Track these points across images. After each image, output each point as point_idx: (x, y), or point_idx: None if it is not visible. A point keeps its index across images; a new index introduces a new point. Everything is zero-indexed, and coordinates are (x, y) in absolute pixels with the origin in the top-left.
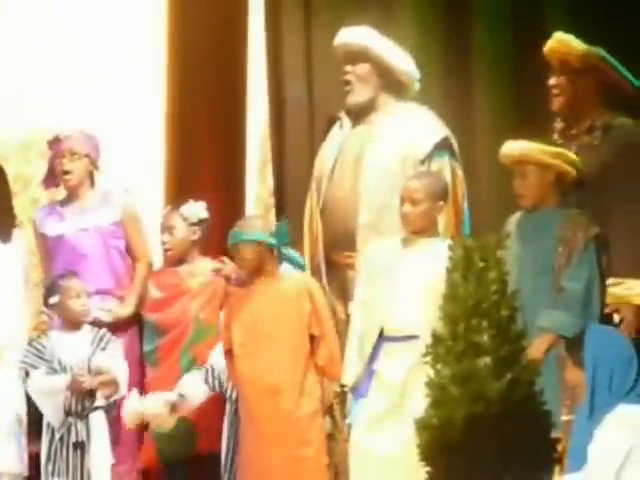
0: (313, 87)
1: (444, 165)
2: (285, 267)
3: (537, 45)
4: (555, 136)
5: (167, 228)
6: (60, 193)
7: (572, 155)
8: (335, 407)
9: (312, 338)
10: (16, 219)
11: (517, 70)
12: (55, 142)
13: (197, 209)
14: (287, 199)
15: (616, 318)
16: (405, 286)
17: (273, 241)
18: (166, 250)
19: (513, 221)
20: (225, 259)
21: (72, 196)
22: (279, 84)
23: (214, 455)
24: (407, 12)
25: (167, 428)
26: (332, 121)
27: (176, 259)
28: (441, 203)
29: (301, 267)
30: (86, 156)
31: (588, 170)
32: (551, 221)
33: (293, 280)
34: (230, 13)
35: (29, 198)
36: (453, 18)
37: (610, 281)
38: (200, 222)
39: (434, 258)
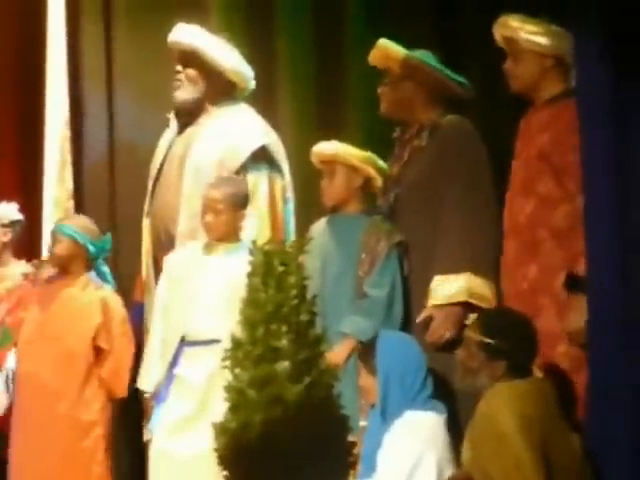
0: (112, 88)
1: (259, 176)
2: (92, 275)
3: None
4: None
5: None
6: None
7: (381, 162)
8: None
9: (100, 350)
10: None
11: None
12: None
13: (9, 210)
14: (86, 202)
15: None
16: (206, 290)
17: (92, 248)
18: None
19: (318, 226)
20: (37, 262)
21: None
22: (79, 84)
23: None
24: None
25: None
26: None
27: None
28: (242, 211)
29: (108, 283)
30: None
31: (415, 172)
32: (355, 227)
33: (93, 290)
34: (30, 10)
35: None
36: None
37: (438, 278)
38: (12, 224)
39: (235, 263)
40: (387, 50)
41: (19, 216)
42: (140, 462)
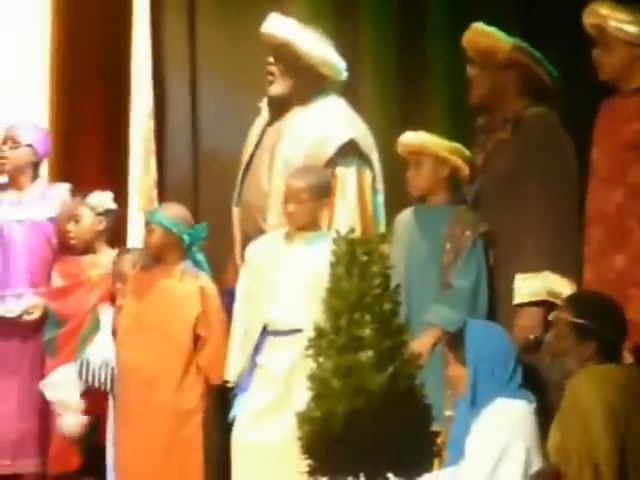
0: (196, 80)
1: (347, 169)
2: (188, 264)
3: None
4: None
5: (72, 217)
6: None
7: (467, 152)
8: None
9: (198, 337)
10: None
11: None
12: None
13: (104, 199)
14: (170, 191)
15: (531, 337)
16: (288, 280)
17: (186, 238)
18: (71, 239)
19: (403, 216)
20: (129, 251)
21: (12, 183)
22: (162, 77)
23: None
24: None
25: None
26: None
27: (81, 248)
28: (325, 200)
29: (204, 271)
30: (28, 146)
31: (499, 164)
32: (440, 217)
33: (191, 278)
34: (115, 7)
35: None
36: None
37: (522, 278)
38: (106, 212)
39: (316, 252)
40: (493, 36)
41: (113, 205)
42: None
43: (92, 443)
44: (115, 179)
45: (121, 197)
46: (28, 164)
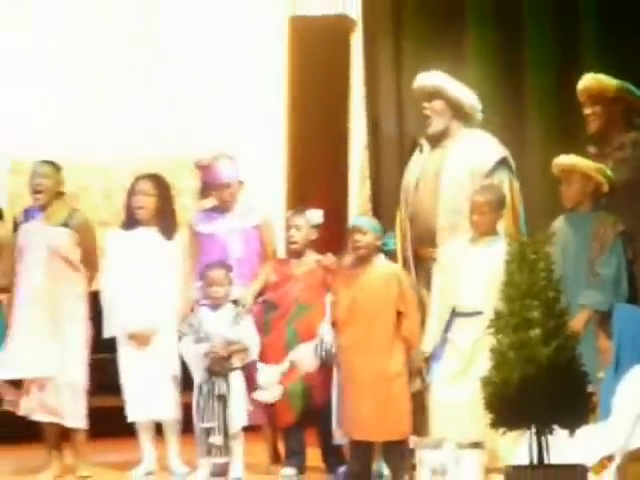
0: (402, 122)
1: (504, 179)
2: (381, 257)
3: (573, 84)
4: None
5: (294, 227)
6: (209, 202)
7: (609, 171)
8: (424, 371)
9: (398, 314)
10: (176, 222)
11: (561, 103)
12: (203, 166)
13: (318, 215)
14: (381, 207)
15: None
16: (472, 274)
17: (384, 241)
18: (292, 243)
19: (557, 222)
20: (328, 255)
21: (222, 204)
22: (375, 119)
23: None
24: (473, 56)
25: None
26: (414, 145)
27: (297, 252)
28: (501, 212)
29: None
30: (240, 182)
31: (624, 179)
32: (587, 221)
33: (386, 269)
34: (338, 69)
35: (180, 205)
36: (508, 64)
37: None
38: (317, 226)
39: (495, 252)
40: (603, 81)
41: (322, 220)
42: None
43: (307, 404)
44: (336, 198)
45: (340, 212)
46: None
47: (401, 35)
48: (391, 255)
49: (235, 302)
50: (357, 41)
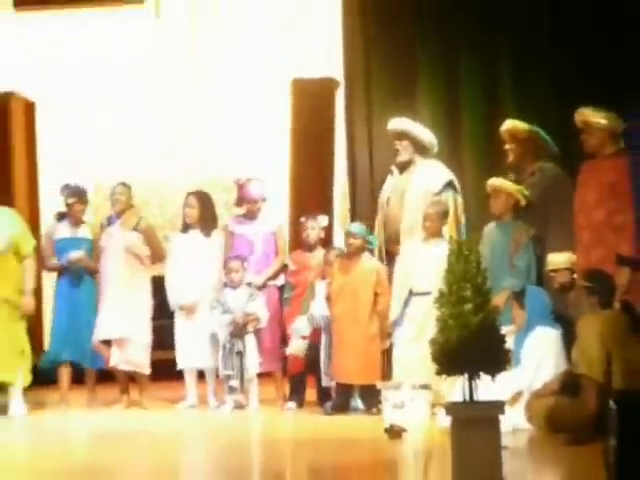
0: (372, 155)
1: (449, 196)
2: (367, 254)
3: (497, 125)
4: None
5: (309, 228)
6: (241, 210)
7: (526, 191)
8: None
9: (375, 295)
10: (217, 224)
11: (490, 140)
12: (240, 184)
13: (325, 220)
14: (356, 215)
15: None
16: (424, 264)
17: (373, 241)
18: (307, 240)
19: (488, 228)
20: (331, 251)
21: (250, 214)
22: (352, 153)
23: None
24: (424, 102)
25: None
26: (385, 173)
27: (311, 247)
28: (446, 220)
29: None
30: (261, 202)
31: (534, 198)
32: (508, 228)
33: (369, 263)
34: (326, 115)
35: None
36: (449, 112)
37: (552, 256)
38: (324, 228)
39: (440, 249)
40: (518, 125)
41: (326, 223)
42: None
43: (310, 357)
44: (326, 209)
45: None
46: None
47: (371, 91)
48: (373, 250)
49: (249, 284)
50: (340, 96)
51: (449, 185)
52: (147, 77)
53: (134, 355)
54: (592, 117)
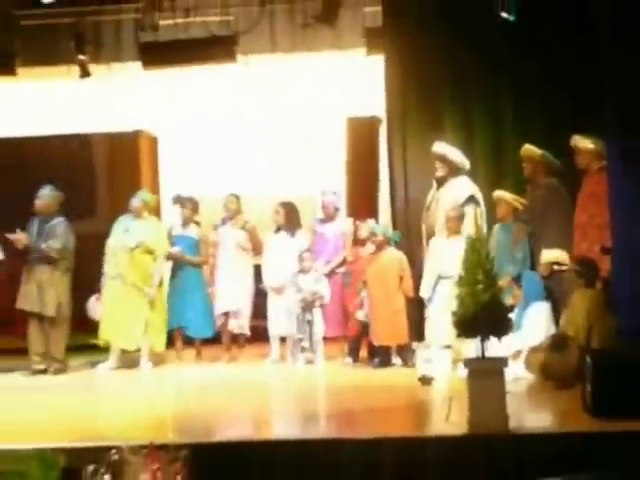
0: (407, 174)
1: (469, 207)
2: (392, 246)
3: (517, 148)
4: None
5: (363, 229)
6: (321, 214)
7: (522, 199)
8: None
9: (400, 278)
10: (300, 226)
11: (510, 160)
12: (323, 195)
13: (372, 222)
14: (397, 221)
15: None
16: (448, 255)
17: (393, 237)
18: (361, 239)
19: (494, 228)
20: (368, 245)
21: (328, 218)
22: (392, 173)
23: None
24: (450, 130)
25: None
26: (418, 188)
27: (363, 243)
28: (462, 222)
29: (396, 243)
30: (336, 210)
31: (538, 206)
32: (510, 228)
33: (393, 253)
34: (373, 145)
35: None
36: (466, 141)
37: (545, 251)
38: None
39: (459, 244)
40: (533, 150)
41: (373, 225)
42: None
43: (364, 323)
44: (373, 215)
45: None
46: (336, 210)
47: (406, 126)
48: (397, 244)
49: (317, 271)
50: (383, 130)
51: (470, 199)
52: (238, 115)
53: (243, 322)
54: (580, 142)
